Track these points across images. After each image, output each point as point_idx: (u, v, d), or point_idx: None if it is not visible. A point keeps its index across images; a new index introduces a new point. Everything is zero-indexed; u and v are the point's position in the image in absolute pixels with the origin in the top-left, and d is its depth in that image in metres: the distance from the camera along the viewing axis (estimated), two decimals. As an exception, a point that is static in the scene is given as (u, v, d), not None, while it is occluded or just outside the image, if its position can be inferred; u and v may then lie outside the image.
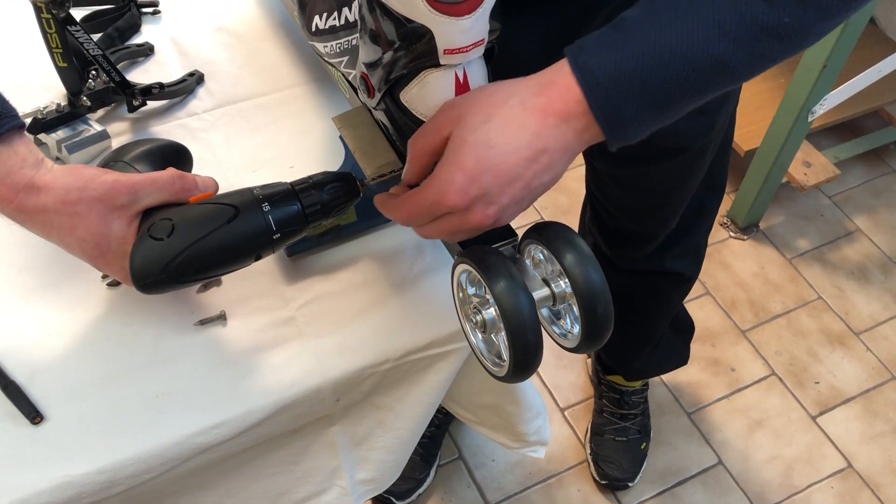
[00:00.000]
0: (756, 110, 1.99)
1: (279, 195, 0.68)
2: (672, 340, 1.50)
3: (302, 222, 0.69)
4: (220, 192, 0.69)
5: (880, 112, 2.16)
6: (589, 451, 1.64)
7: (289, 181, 0.70)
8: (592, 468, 1.62)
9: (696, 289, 1.91)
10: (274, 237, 0.67)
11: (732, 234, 2.06)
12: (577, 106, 0.55)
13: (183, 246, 0.64)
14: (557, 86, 0.56)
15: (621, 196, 1.13)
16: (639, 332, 1.46)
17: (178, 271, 0.64)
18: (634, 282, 1.27)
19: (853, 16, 0.64)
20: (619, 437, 1.62)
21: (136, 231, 0.66)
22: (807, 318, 1.90)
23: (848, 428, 1.72)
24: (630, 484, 1.60)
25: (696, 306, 1.90)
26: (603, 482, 1.59)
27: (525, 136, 0.56)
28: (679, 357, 1.56)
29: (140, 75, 0.96)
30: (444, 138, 0.58)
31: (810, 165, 1.99)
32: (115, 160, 0.73)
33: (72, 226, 0.64)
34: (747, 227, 2.06)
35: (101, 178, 0.65)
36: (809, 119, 1.74)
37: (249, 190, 0.68)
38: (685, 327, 1.53)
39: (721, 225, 2.06)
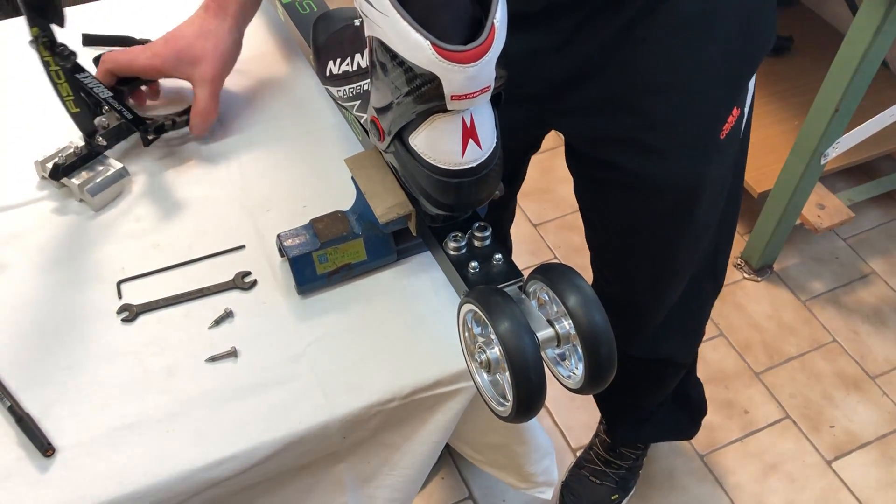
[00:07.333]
0: (769, 153, 2.00)
1: None
2: (673, 413, 1.48)
3: None
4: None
5: (894, 155, 2.17)
6: (564, 477, 1.63)
7: None
8: (558, 492, 1.60)
9: (710, 330, 1.90)
10: None
11: (746, 275, 2.05)
12: None
13: None
14: None
15: (619, 246, 1.13)
16: (622, 403, 1.47)
17: None
18: (624, 366, 1.28)
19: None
20: (593, 478, 1.60)
21: None
22: (821, 360, 1.89)
23: (864, 473, 1.70)
24: None
25: (710, 347, 1.90)
26: None
27: None
28: (680, 430, 1.55)
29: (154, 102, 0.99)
30: None
31: (824, 208, 1.99)
32: None
33: None
34: (761, 269, 2.06)
35: None
36: (822, 162, 1.75)
37: None
38: (694, 405, 1.51)
39: (735, 266, 2.06)
